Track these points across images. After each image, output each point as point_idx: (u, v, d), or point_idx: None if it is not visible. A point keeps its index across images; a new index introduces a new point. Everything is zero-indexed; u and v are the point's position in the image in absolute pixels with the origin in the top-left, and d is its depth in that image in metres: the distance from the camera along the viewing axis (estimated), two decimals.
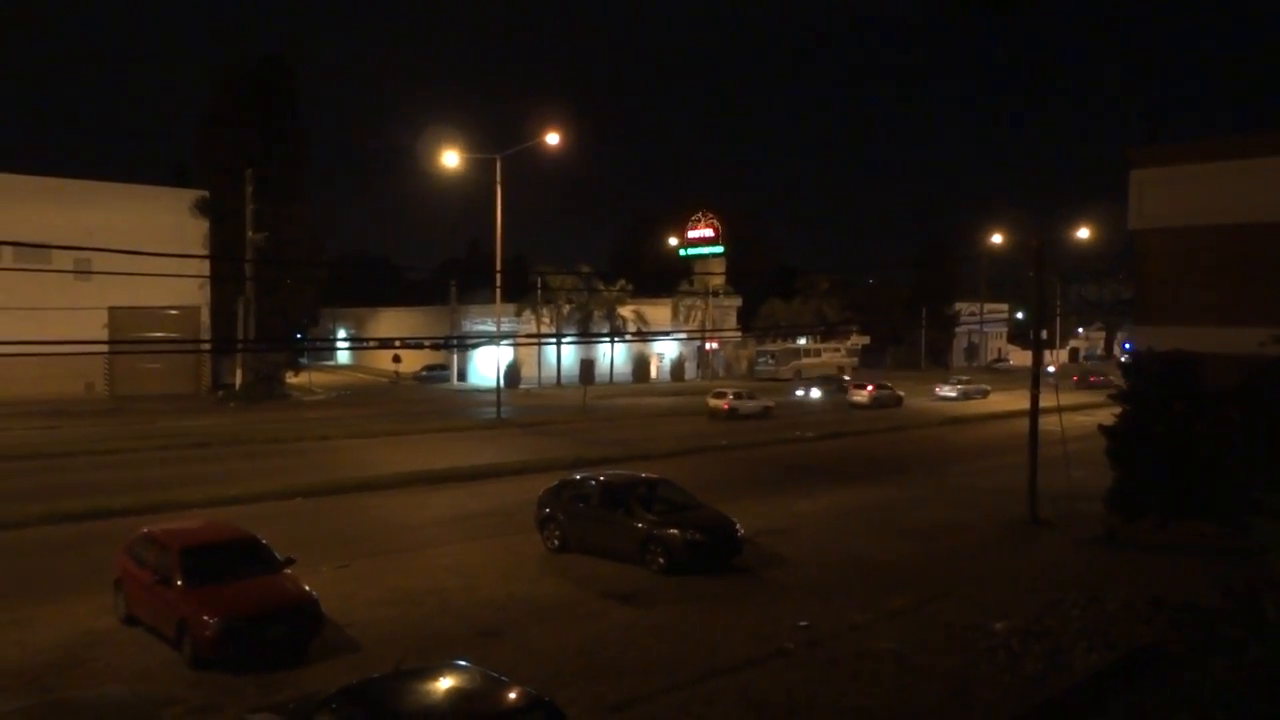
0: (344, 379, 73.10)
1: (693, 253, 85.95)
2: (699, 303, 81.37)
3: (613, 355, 76.75)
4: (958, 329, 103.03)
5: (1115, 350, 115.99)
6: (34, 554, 19.80)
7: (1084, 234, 76.26)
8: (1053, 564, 19.59)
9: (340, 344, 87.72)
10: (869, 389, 57.76)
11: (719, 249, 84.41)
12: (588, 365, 72.01)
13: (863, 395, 57.06)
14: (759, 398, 51.57)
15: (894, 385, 60.34)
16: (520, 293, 71.33)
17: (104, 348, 49.48)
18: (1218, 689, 12.16)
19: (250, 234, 51.54)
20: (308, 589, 14.42)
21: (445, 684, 9.23)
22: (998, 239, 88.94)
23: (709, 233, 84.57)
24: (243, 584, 14.02)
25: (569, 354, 73.61)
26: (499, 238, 48.21)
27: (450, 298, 71.77)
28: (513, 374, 66.35)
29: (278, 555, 15.08)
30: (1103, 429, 22.08)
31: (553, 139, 46.27)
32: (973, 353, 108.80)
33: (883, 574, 18.85)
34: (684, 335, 75.62)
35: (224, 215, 54.55)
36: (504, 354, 61.27)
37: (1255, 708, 11.76)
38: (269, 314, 54.01)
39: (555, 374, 71.73)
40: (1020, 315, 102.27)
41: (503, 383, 51.50)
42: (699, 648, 14.40)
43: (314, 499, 25.92)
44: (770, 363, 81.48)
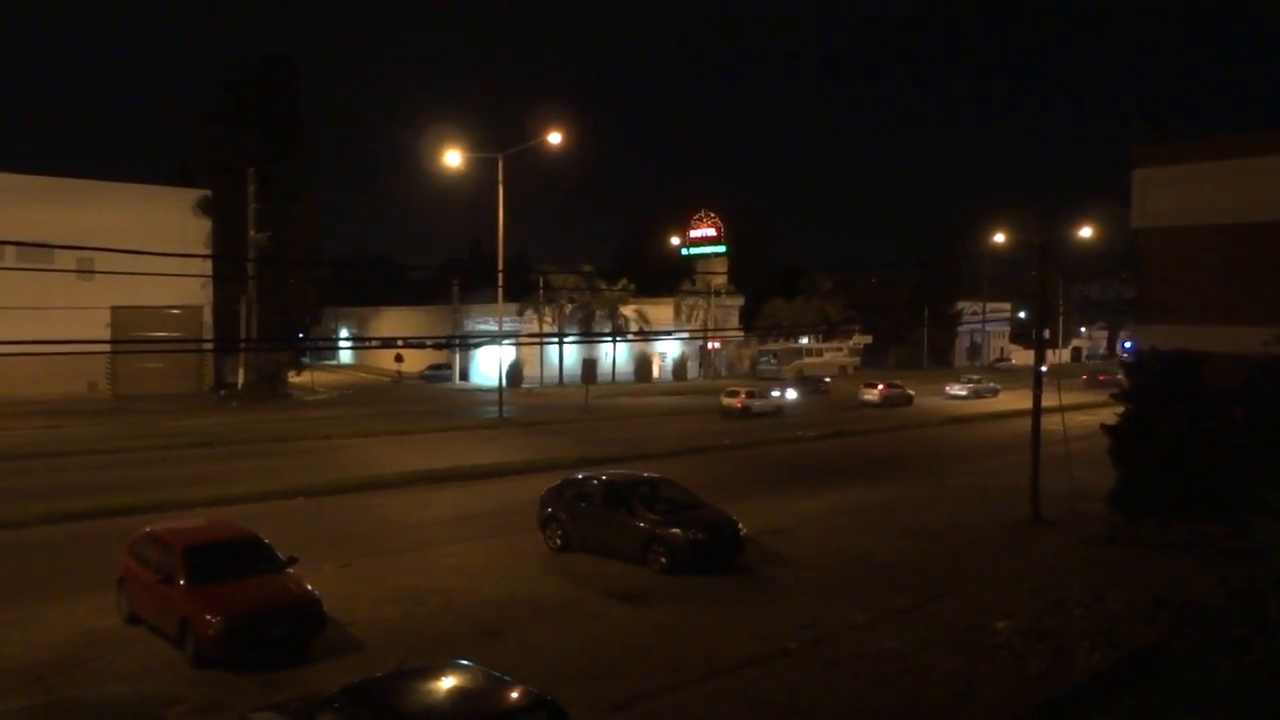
0: (346, 378, 73.15)
1: (695, 252, 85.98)
2: (701, 302, 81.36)
3: (615, 355, 76.75)
4: (960, 328, 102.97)
5: (1118, 350, 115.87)
6: (37, 553, 19.82)
7: (1087, 233, 76.14)
8: (1055, 563, 19.57)
9: (342, 343, 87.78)
10: (880, 388, 58.23)
11: (721, 248, 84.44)
12: (590, 365, 72.06)
13: (874, 394, 57.48)
14: (771, 396, 51.98)
15: (904, 384, 60.60)
16: (522, 292, 71.33)
17: (106, 347, 49.57)
18: (1221, 688, 12.16)
19: (252, 233, 51.56)
20: (310, 588, 14.41)
21: (448, 683, 9.23)
22: (1000, 238, 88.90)
23: (711, 232, 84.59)
24: (245, 583, 14.03)
25: (571, 353, 73.63)
26: (501, 237, 48.28)
27: (452, 297, 71.80)
28: (515, 373, 66.38)
29: (280, 554, 15.09)
30: (1105, 428, 22.06)
31: (555, 138, 46.29)
32: (975, 352, 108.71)
33: (885, 573, 18.84)
34: (686, 335, 75.61)
35: (226, 215, 54.57)
36: (506, 353, 61.27)
37: (1259, 706, 11.75)
38: (271, 313, 54.02)
39: (557, 373, 71.78)
40: (1022, 314, 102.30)
41: (505, 382, 51.51)
42: (701, 647, 14.39)
43: (316, 498, 25.93)
44: (772, 362, 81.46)
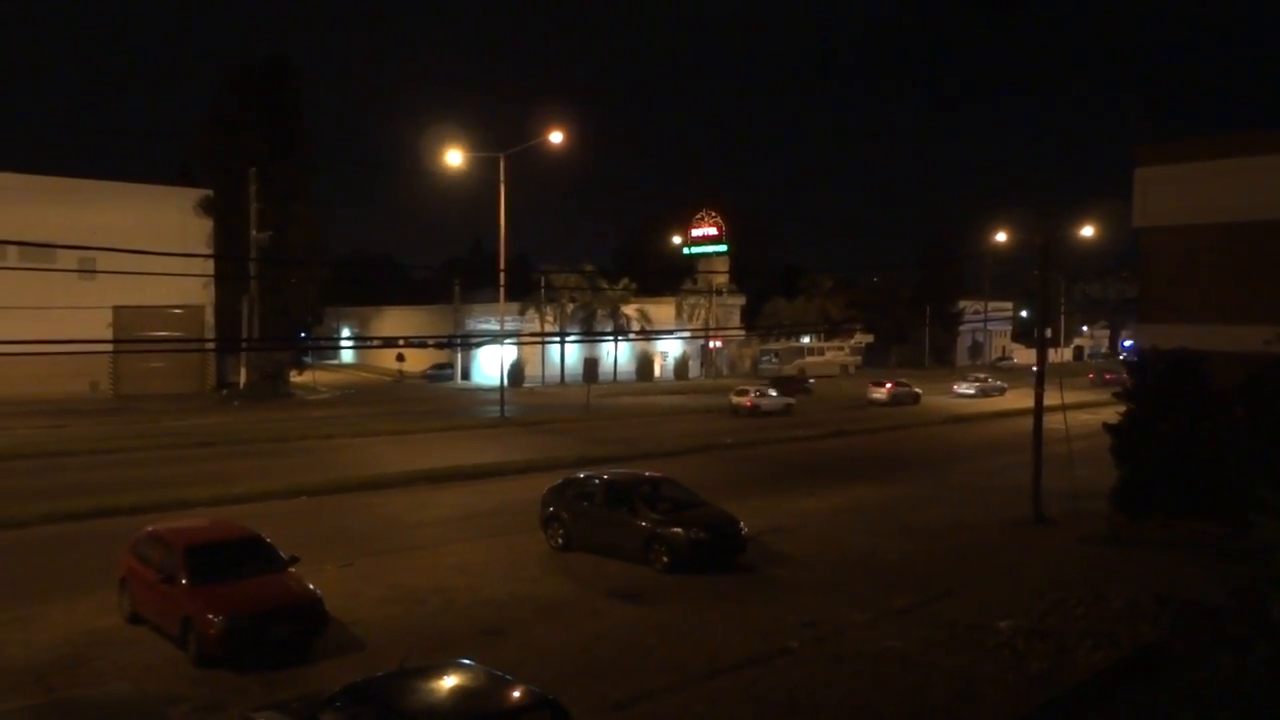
0: (348, 378, 73.17)
1: (696, 251, 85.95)
2: (703, 301, 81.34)
3: (616, 354, 76.74)
4: (961, 327, 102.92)
5: (1119, 348, 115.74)
6: (39, 553, 19.83)
7: (1089, 232, 76.19)
8: (1057, 563, 19.56)
9: (344, 343, 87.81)
10: (888, 386, 58.78)
11: (723, 248, 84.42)
12: (591, 364, 72.00)
13: (882, 392, 58.07)
14: (780, 395, 52.39)
15: (911, 383, 60.85)
16: (524, 292, 71.34)
17: (108, 347, 49.61)
18: (1223, 687, 12.14)
19: (254, 233, 51.58)
20: (312, 587, 14.43)
21: (449, 682, 9.23)
22: (1002, 237, 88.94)
23: (713, 231, 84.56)
24: (247, 582, 14.05)
25: (573, 353, 73.62)
26: (503, 237, 48.30)
27: (454, 297, 71.82)
28: (516, 373, 66.39)
29: (282, 554, 15.10)
30: (1107, 427, 22.04)
31: (556, 138, 46.35)
32: (977, 351, 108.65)
33: (887, 572, 18.83)
34: (688, 334, 75.58)
35: (228, 214, 54.63)
36: (508, 353, 61.28)
37: (1260, 706, 11.74)
38: (273, 313, 54.04)
39: (559, 373, 71.80)
40: (1024, 313, 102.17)
41: (506, 381, 51.53)
42: (703, 646, 14.39)
43: (318, 498, 25.95)
44: (774, 361, 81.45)
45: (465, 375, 73.81)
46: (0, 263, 41.82)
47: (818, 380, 71.95)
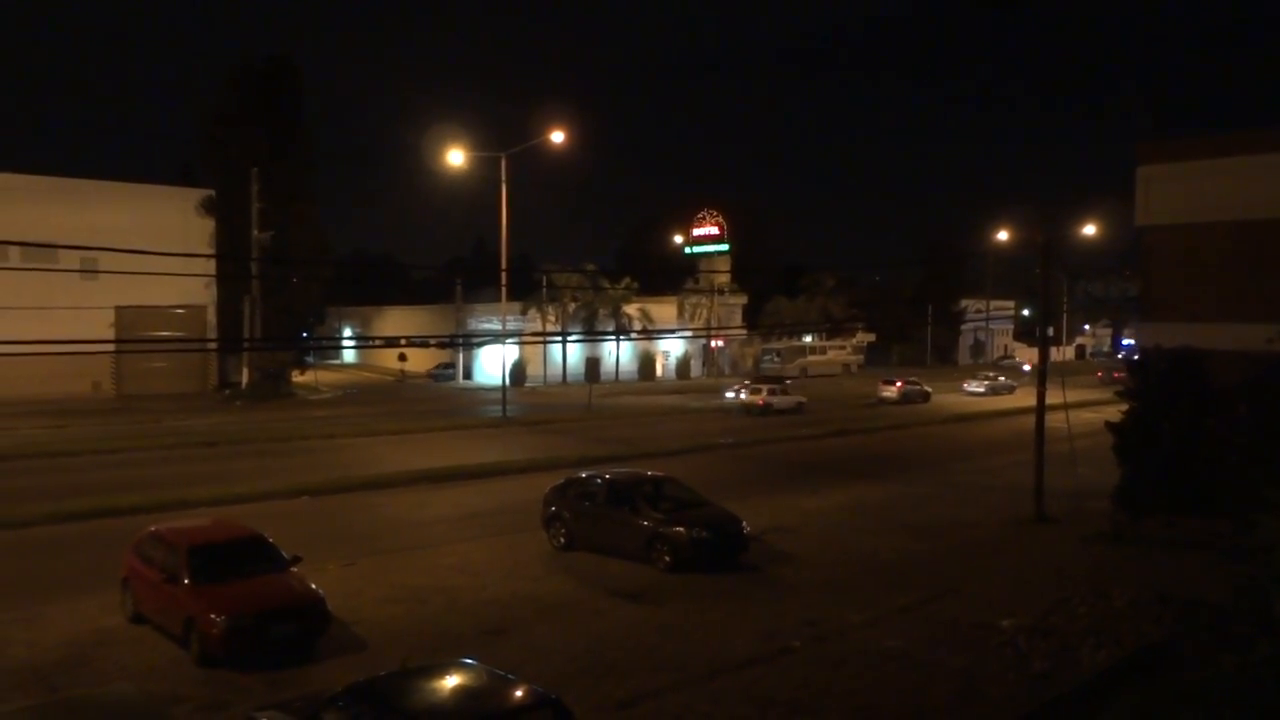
0: (350, 377, 73.23)
1: (698, 251, 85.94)
2: (704, 301, 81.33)
3: (618, 353, 76.74)
4: (963, 326, 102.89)
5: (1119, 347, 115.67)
6: (41, 553, 19.85)
7: (1091, 230, 76.16)
8: (1060, 561, 19.54)
9: (346, 343, 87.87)
10: (898, 385, 59.36)
11: (724, 247, 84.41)
12: (593, 363, 72.02)
13: (892, 391, 58.70)
14: (793, 393, 52.82)
15: (921, 381, 61.41)
16: (526, 291, 71.35)
17: (111, 347, 49.65)
18: (1226, 686, 12.14)
19: (256, 233, 51.61)
20: (314, 587, 14.44)
21: (452, 682, 9.23)
22: (1004, 236, 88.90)
23: (714, 230, 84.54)
24: (249, 582, 14.06)
25: (574, 352, 73.63)
26: (504, 236, 48.25)
27: (456, 296, 71.85)
28: (518, 372, 66.40)
29: (284, 554, 15.11)
30: (1109, 426, 22.03)
31: (558, 137, 46.33)
32: (979, 350, 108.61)
33: (889, 571, 18.83)
34: (689, 334, 75.57)
35: (230, 214, 54.65)
36: (509, 352, 61.30)
37: (1263, 705, 11.73)
38: (275, 313, 54.06)
39: (561, 372, 71.82)
40: (1026, 312, 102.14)
41: (508, 381, 51.52)
42: (705, 645, 14.39)
43: (320, 497, 25.96)
44: (775, 360, 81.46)
45: (467, 375, 73.84)
46: (2, 263, 41.87)
47: (819, 379, 71.93)
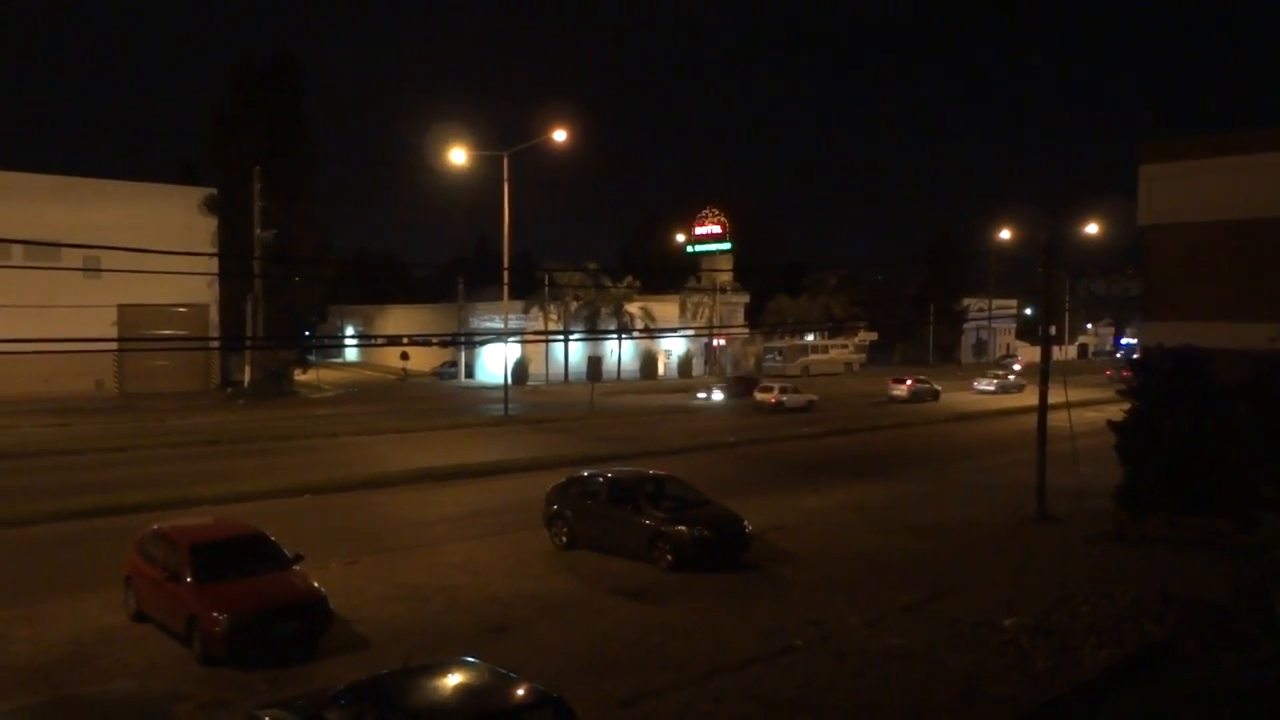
0: (352, 376, 73.25)
1: (700, 249, 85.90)
2: (706, 299, 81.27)
3: (620, 352, 76.72)
4: (965, 325, 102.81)
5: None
6: (44, 551, 19.88)
7: (1093, 229, 76.13)
8: (1061, 560, 19.53)
9: (348, 341, 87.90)
10: (908, 383, 59.78)
11: (726, 245, 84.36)
12: (595, 362, 72.04)
13: (902, 389, 59.04)
14: (804, 391, 53.31)
15: (930, 380, 61.78)
16: (528, 290, 71.35)
17: (113, 345, 49.69)
18: (1228, 686, 12.14)
19: (258, 231, 51.63)
20: (316, 585, 14.46)
21: (454, 680, 9.25)
22: (1006, 235, 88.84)
23: (716, 229, 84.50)
24: (252, 580, 14.09)
25: (576, 351, 73.63)
26: (507, 235, 48.24)
27: (458, 295, 71.88)
28: (520, 371, 66.37)
29: (286, 552, 15.13)
30: (1111, 425, 22.00)
31: (560, 136, 46.30)
32: (981, 349, 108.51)
33: (891, 570, 18.82)
34: (691, 332, 75.53)
35: (232, 213, 54.68)
36: (512, 351, 61.29)
37: (1265, 704, 11.73)
38: (277, 311, 54.08)
39: (563, 371, 71.82)
40: (1029, 311, 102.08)
41: (510, 380, 51.52)
42: (707, 644, 14.40)
43: (322, 496, 25.98)
44: (777, 359, 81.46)
45: (469, 374, 73.85)
46: (5, 261, 41.90)
47: (822, 378, 71.82)
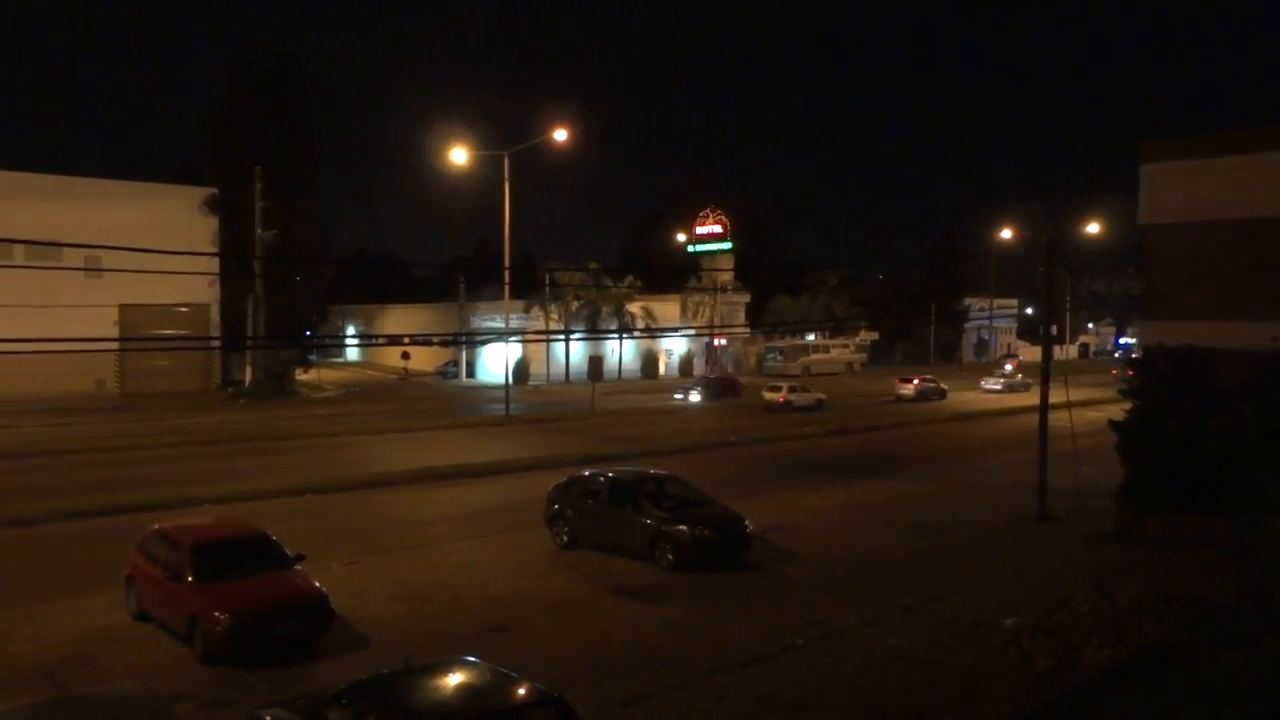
0: (353, 376, 73.33)
1: (701, 249, 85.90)
2: (707, 299, 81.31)
3: (621, 352, 76.74)
4: (966, 325, 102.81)
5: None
6: (45, 550, 19.89)
7: (1094, 229, 76.06)
8: (1063, 560, 19.53)
9: (349, 341, 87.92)
10: (915, 382, 59.95)
11: (727, 245, 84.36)
12: (596, 362, 72.04)
13: (909, 388, 59.25)
14: (812, 390, 53.55)
15: (936, 379, 62.07)
16: (529, 290, 71.39)
17: (114, 345, 49.70)
18: (1230, 686, 12.12)
19: (259, 231, 51.68)
20: (318, 585, 14.46)
21: (455, 680, 9.24)
22: (1007, 234, 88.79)
23: (717, 229, 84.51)
24: (253, 580, 14.09)
25: (577, 350, 73.64)
26: (507, 235, 48.22)
27: (459, 295, 71.92)
28: (521, 370, 66.40)
29: (288, 551, 15.13)
30: (1113, 424, 21.98)
31: (560, 135, 46.31)
32: (982, 348, 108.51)
33: (892, 570, 18.82)
34: (692, 332, 75.54)
35: (233, 212, 54.75)
36: (513, 351, 61.32)
37: (1267, 704, 11.71)
38: (278, 311, 54.15)
39: (564, 370, 71.82)
40: (1030, 310, 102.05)
41: (511, 379, 51.52)
42: (708, 644, 14.39)
43: (324, 495, 25.99)
44: (778, 359, 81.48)
45: (470, 373, 73.89)
46: (7, 261, 41.89)
47: (823, 378, 71.78)
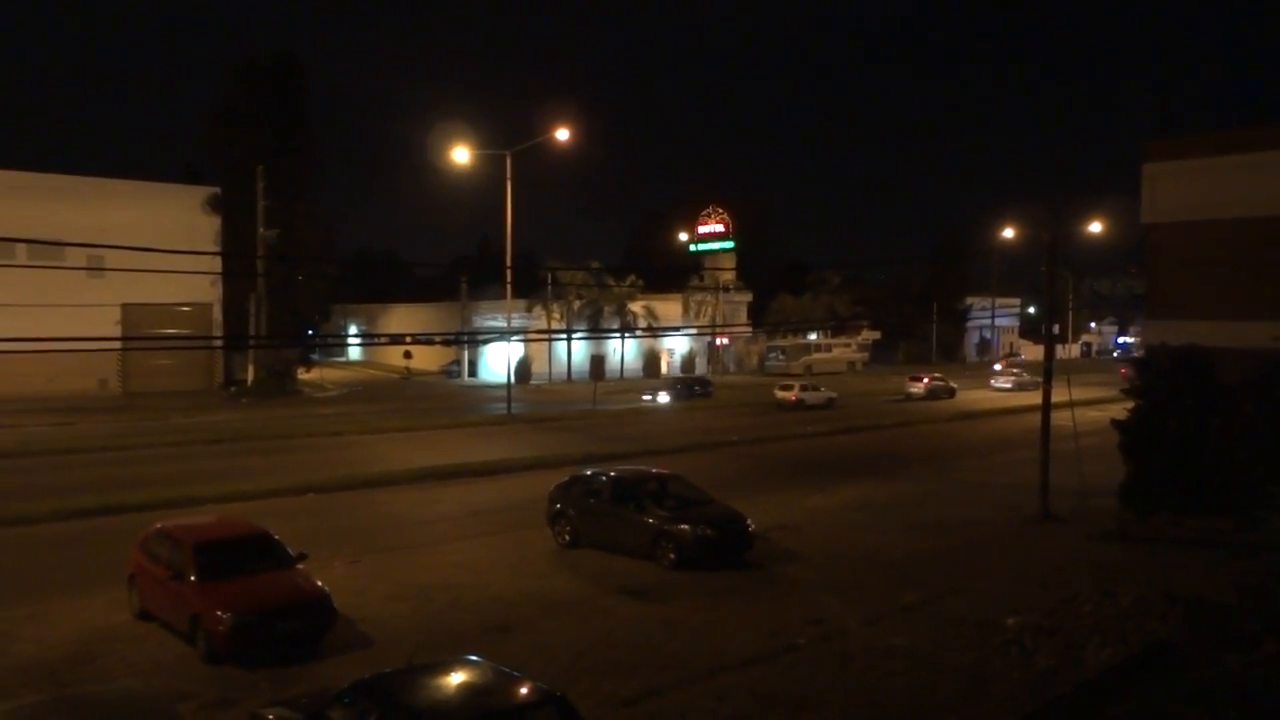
0: (355, 375, 73.38)
1: (703, 248, 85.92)
2: (709, 298, 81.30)
3: (623, 351, 76.75)
4: (969, 324, 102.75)
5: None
6: (48, 550, 19.92)
7: (1097, 228, 75.97)
8: (1065, 559, 19.50)
9: (352, 340, 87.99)
10: (925, 380, 60.06)
11: (729, 244, 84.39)
12: (598, 361, 72.07)
13: (919, 387, 59.30)
14: (824, 389, 53.76)
15: (946, 378, 62.23)
16: (531, 289, 71.39)
17: (117, 344, 49.77)
18: (1232, 685, 12.12)
19: (262, 231, 51.71)
20: (320, 584, 14.46)
21: (457, 679, 9.25)
22: (1010, 233, 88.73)
23: (719, 228, 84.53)
24: (256, 579, 14.10)
25: (579, 350, 73.66)
26: (509, 234, 48.22)
27: (461, 294, 71.94)
28: (523, 370, 66.42)
29: (290, 551, 15.13)
30: (1115, 424, 21.98)
31: (563, 135, 46.32)
32: (984, 348, 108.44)
33: (894, 569, 18.80)
34: (694, 331, 75.54)
35: (235, 212, 54.82)
36: (515, 350, 61.33)
37: (1269, 703, 11.72)
38: (281, 310, 54.20)
39: (566, 370, 71.84)
40: (1032, 309, 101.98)
41: (513, 378, 51.54)
42: (710, 643, 14.39)
43: (326, 495, 26.00)
44: (781, 358, 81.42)
45: (472, 373, 73.92)
46: (9, 261, 41.94)
47: (825, 377, 71.71)
